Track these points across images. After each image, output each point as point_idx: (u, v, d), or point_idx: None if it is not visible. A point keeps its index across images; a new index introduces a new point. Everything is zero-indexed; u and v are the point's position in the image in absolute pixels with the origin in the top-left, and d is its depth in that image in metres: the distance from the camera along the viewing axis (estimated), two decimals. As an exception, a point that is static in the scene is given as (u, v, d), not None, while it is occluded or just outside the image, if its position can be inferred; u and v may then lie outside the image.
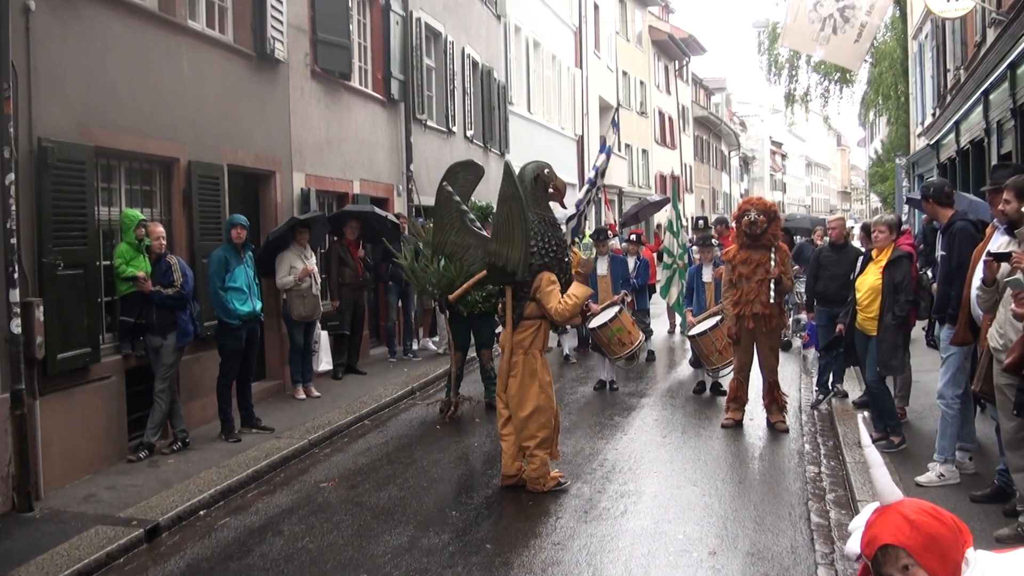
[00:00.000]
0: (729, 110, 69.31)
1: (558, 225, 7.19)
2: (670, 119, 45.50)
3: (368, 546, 5.99)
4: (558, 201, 7.13)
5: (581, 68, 29.95)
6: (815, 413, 9.70)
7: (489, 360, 10.36)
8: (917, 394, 8.99)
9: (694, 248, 13.34)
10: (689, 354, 11.57)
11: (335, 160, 12.59)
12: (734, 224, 9.21)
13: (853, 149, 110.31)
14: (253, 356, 9.11)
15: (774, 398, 9.09)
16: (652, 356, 13.67)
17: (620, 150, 34.60)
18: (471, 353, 10.58)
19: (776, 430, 8.93)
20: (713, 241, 11.62)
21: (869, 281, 7.62)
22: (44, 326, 6.87)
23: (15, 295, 6.58)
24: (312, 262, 10.53)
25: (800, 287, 12.72)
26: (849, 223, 13.53)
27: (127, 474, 7.52)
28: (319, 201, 12.21)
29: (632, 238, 13.87)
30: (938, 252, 7.21)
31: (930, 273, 8.55)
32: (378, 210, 12.32)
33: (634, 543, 5.94)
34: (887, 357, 7.36)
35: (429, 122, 16.34)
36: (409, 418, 10.08)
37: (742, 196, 60.60)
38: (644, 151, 39.78)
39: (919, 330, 9.06)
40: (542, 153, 24.45)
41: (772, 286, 8.70)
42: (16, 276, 6.57)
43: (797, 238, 17.28)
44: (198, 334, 8.53)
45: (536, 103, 24.96)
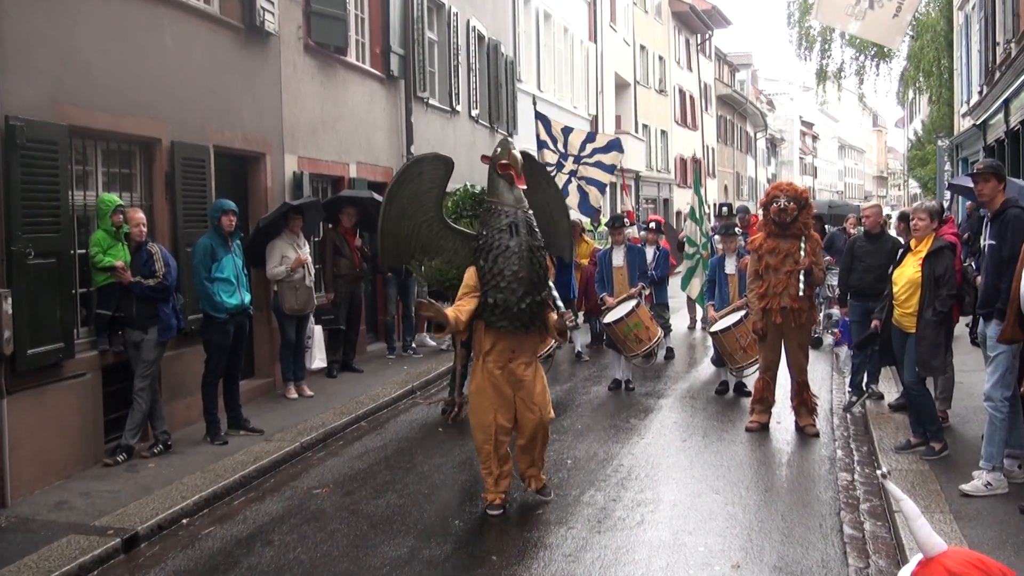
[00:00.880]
0: (755, 88, 69.14)
1: (506, 214, 6.60)
2: (691, 98, 45.39)
3: (365, 558, 5.98)
4: (508, 181, 6.63)
5: (595, 42, 29.87)
6: (848, 416, 9.65)
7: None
8: (960, 396, 8.95)
9: (716, 237, 13.33)
10: (711, 352, 11.54)
11: (330, 141, 12.57)
12: (761, 211, 9.17)
13: (890, 130, 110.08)
14: (241, 352, 9.10)
15: (803, 400, 9.05)
16: (671, 354, 13.63)
17: (638, 131, 34.54)
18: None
19: (805, 434, 8.90)
20: (737, 230, 11.58)
21: (907, 274, 7.57)
22: (12, 319, 6.85)
23: (-19, 286, 6.56)
24: (305, 251, 10.52)
25: (832, 279, 12.67)
26: (886, 211, 13.44)
27: (103, 479, 7.51)
28: (313, 185, 12.19)
29: (651, 226, 13.83)
30: (985, 241, 7.13)
31: (974, 265, 8.49)
32: (376, 195, 12.29)
33: (651, 555, 5.91)
34: (927, 356, 7.30)
35: (431, 100, 16.31)
36: (409, 419, 10.07)
37: (769, 181, 60.54)
38: (663, 132, 39.70)
39: (962, 327, 9.00)
40: (553, 134, 24.41)
41: (802, 278, 8.66)
42: (-18, 266, 6.56)
43: (828, 227, 17.22)
44: (182, 328, 8.52)
45: (547, 80, 24.89)
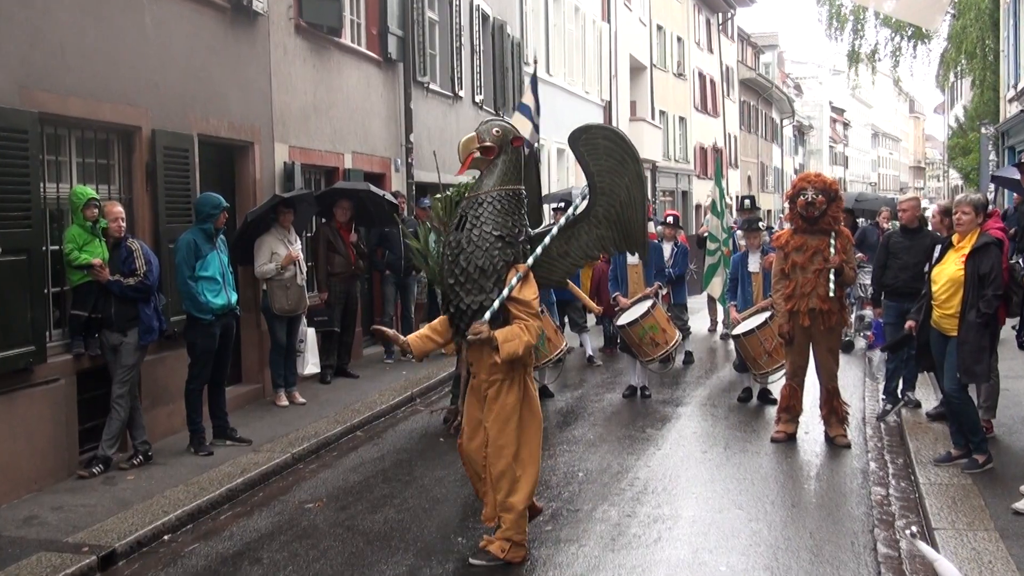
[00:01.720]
0: (782, 71, 69.04)
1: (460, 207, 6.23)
2: (712, 82, 45.34)
3: (358, 578, 5.96)
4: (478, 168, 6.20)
5: (609, 22, 29.85)
6: (882, 426, 9.62)
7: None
8: (1006, 404, 8.92)
9: (739, 233, 13.30)
10: (733, 356, 11.51)
11: (323, 130, 12.57)
12: (787, 205, 9.13)
13: (929, 117, 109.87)
14: (228, 356, 9.09)
15: (833, 408, 9.02)
16: (690, 358, 13.61)
17: (655, 118, 34.49)
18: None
19: (836, 445, 8.87)
20: (761, 224, 11.55)
21: (948, 272, 7.53)
22: (-22, 321, 6.86)
23: (-56, 285, 6.56)
24: (297, 248, 10.51)
25: (864, 278, 12.63)
26: (924, 204, 13.39)
27: (78, 492, 7.50)
28: (305, 177, 12.19)
29: (669, 220, 13.80)
30: None
31: (1022, 262, 8.44)
32: (373, 188, 12.30)
33: (669, 575, 5.89)
34: (970, 362, 7.27)
35: (432, 85, 16.31)
36: (408, 429, 10.06)
37: (796, 172, 60.45)
38: (681, 119, 39.68)
39: (1008, 329, 8.95)
40: (563, 121, 24.40)
41: (831, 277, 8.63)
42: (-54, 263, 6.56)
43: (860, 221, 17.17)
44: (164, 331, 8.52)
45: (556, 63, 24.88)
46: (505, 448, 6.01)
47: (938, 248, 8.05)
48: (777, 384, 10.02)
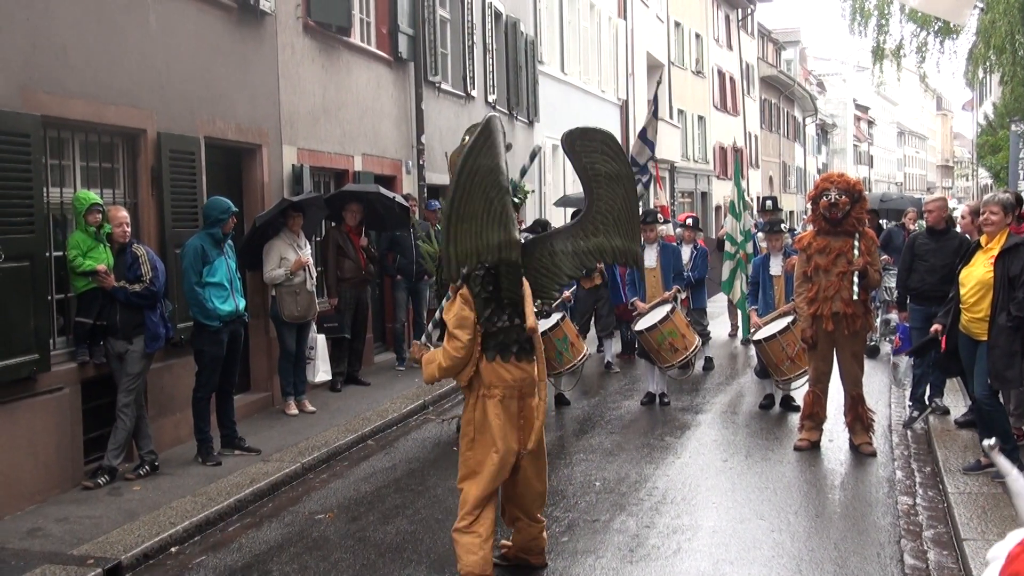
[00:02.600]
0: (804, 68, 68.88)
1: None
2: (732, 79, 45.28)
3: (369, 592, 5.98)
4: None
5: (625, 19, 29.85)
6: (908, 433, 9.60)
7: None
8: (1035, 410, 8.85)
9: (759, 235, 13.27)
10: (755, 362, 11.49)
11: (333, 131, 12.60)
12: (810, 206, 9.12)
13: (957, 114, 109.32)
14: (236, 364, 9.12)
15: (858, 415, 8.99)
16: (710, 364, 13.59)
17: (673, 117, 34.48)
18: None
19: (861, 454, 8.84)
20: (783, 226, 11.52)
21: (977, 274, 7.50)
22: (-19, 328, 6.90)
23: (-55, 292, 6.60)
24: (306, 252, 10.53)
25: (890, 281, 12.59)
26: (951, 204, 13.37)
27: (83, 504, 7.53)
28: (314, 180, 12.23)
29: (688, 222, 13.78)
30: None
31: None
32: (384, 190, 12.32)
33: (689, 590, 5.89)
34: (1001, 367, 7.23)
35: (444, 85, 16.33)
36: (421, 438, 10.07)
37: (819, 172, 60.25)
38: (700, 118, 39.62)
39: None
40: (578, 121, 24.35)
41: (856, 280, 8.61)
42: (-53, 270, 6.59)
43: (884, 222, 17.11)
44: (170, 338, 8.55)
45: (571, 61, 24.89)
46: (461, 470, 5.98)
47: (966, 249, 8.03)
48: (800, 391, 9.99)
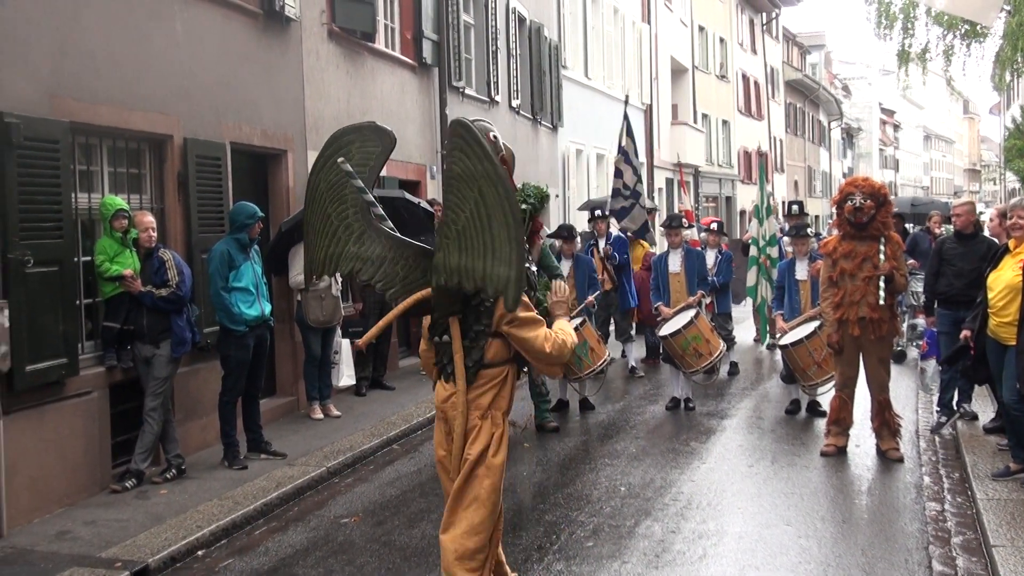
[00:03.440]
0: (829, 72, 68.58)
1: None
2: (756, 84, 45.13)
3: (395, 596, 6.00)
4: None
5: (649, 23, 29.82)
6: (936, 439, 9.54)
7: (540, 373, 10.33)
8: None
9: (785, 239, 13.23)
10: (780, 367, 11.45)
11: (357, 136, 12.61)
12: (835, 210, 9.09)
13: (984, 117, 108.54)
14: (262, 368, 9.18)
15: (885, 420, 8.94)
16: (735, 369, 13.55)
17: (697, 121, 34.41)
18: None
19: (888, 459, 8.80)
20: (809, 231, 11.48)
21: (1006, 278, 7.46)
22: (10, 333, 6.96)
23: (-26, 297, 6.66)
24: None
25: (916, 286, 12.51)
26: (979, 208, 13.30)
27: (110, 507, 7.59)
28: (338, 185, 12.23)
29: (712, 227, 13.75)
30: None
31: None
32: (408, 195, 12.34)
33: (715, 595, 5.88)
34: (1029, 371, 7.19)
35: (468, 90, 16.36)
36: (444, 443, 10.06)
37: (845, 176, 59.98)
38: (724, 122, 39.52)
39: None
40: (601, 125, 24.46)
41: (882, 285, 8.57)
42: (-25, 275, 6.66)
43: (910, 226, 17.02)
44: (197, 343, 8.61)
45: (595, 66, 24.89)
46: None
47: (993, 253, 7.98)
48: (826, 396, 9.95)
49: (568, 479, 8.49)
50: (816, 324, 10.01)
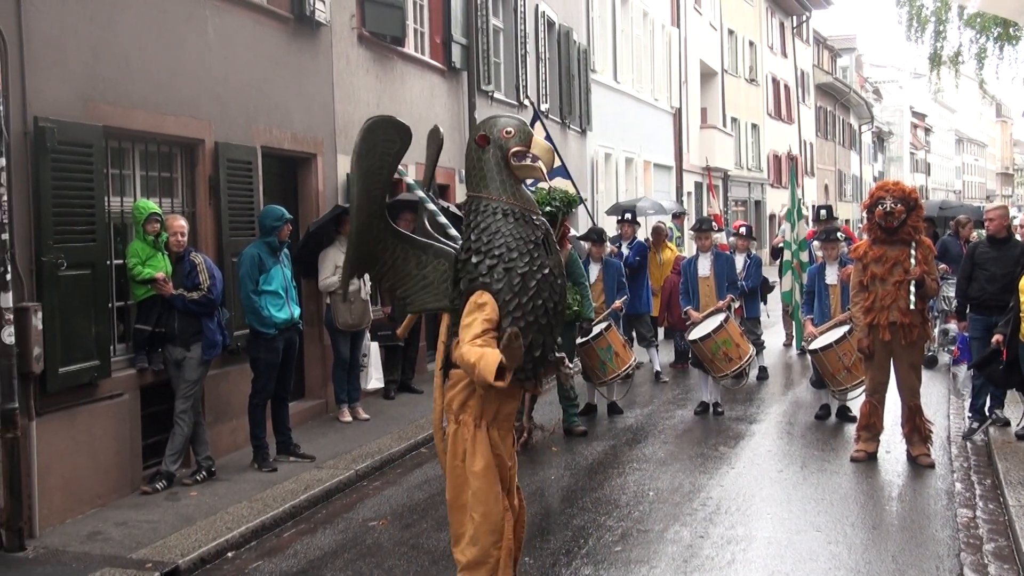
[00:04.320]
0: (860, 75, 68.19)
1: (537, 224, 5.20)
2: (786, 87, 44.94)
3: (423, 599, 6.01)
4: (535, 176, 5.41)
5: (678, 27, 29.76)
6: (968, 445, 9.47)
7: (569, 378, 10.31)
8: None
9: (815, 244, 13.16)
10: (810, 372, 11.39)
11: (386, 140, 12.65)
12: (866, 215, 9.04)
13: (1017, 121, 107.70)
14: (291, 371, 9.21)
15: (916, 426, 8.88)
16: (765, 374, 13.48)
17: (726, 125, 34.27)
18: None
19: (919, 465, 8.73)
20: (839, 235, 11.42)
21: (1037, 283, 7.39)
22: (43, 335, 7.02)
23: (7, 299, 6.72)
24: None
25: (948, 291, 12.42)
26: (1012, 212, 13.20)
27: (141, 508, 7.64)
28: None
29: (741, 231, 13.70)
30: None
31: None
32: (438, 200, 12.34)
33: (744, 601, 5.85)
34: (1061, 377, 7.12)
35: (496, 94, 16.38)
36: (473, 446, 10.07)
37: (875, 180, 59.56)
38: (754, 126, 39.37)
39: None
40: (631, 129, 24.43)
41: (912, 289, 8.51)
42: (9, 278, 6.71)
43: (943, 230, 16.88)
44: (227, 345, 8.66)
45: (624, 70, 24.86)
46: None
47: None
48: (856, 401, 9.89)
49: (596, 483, 8.48)
50: (846, 329, 9.96)
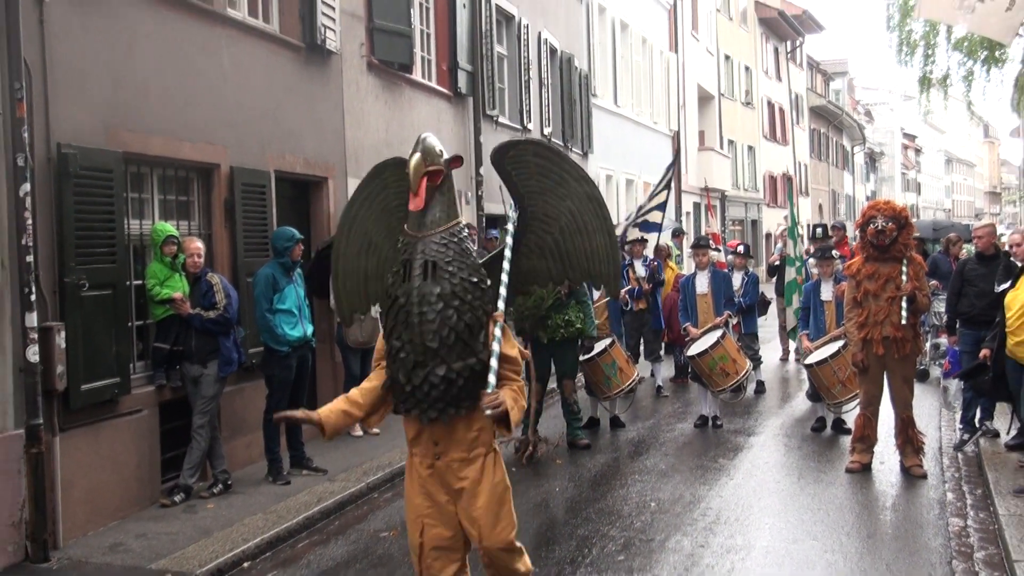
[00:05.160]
0: (852, 98, 68.29)
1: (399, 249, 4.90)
2: (781, 110, 45.03)
3: (433, 607, 6.00)
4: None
5: (676, 52, 29.86)
6: (959, 456, 9.45)
7: (572, 392, 10.35)
8: (1085, 433, 8.71)
9: (811, 261, 13.18)
10: (806, 386, 11.40)
11: (394, 164, 12.71)
12: (858, 233, 9.07)
13: (1004, 141, 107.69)
14: (304, 387, 9.24)
15: (909, 438, 8.88)
16: (762, 388, 13.48)
17: (723, 147, 34.36)
18: (551, 384, 10.58)
19: (912, 475, 8.73)
20: (834, 253, 11.44)
21: (1022, 299, 7.41)
22: (66, 353, 7.08)
23: (32, 319, 6.78)
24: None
25: (938, 306, 12.44)
26: (1000, 229, 13.22)
27: (160, 520, 7.68)
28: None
29: (739, 250, 13.74)
30: None
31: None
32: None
33: (743, 608, 5.86)
34: (1047, 390, 7.14)
35: (501, 118, 16.45)
36: (479, 459, 10.08)
37: (868, 199, 59.56)
38: (750, 148, 39.43)
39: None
40: (631, 152, 24.49)
41: (904, 305, 8.54)
42: (34, 298, 6.78)
43: (932, 247, 16.91)
44: (242, 363, 8.71)
45: (624, 94, 24.94)
46: (509, 529, 5.03)
47: (1007, 272, 7.94)
48: (851, 414, 9.90)
49: (599, 494, 8.50)
50: (840, 344, 9.99)
